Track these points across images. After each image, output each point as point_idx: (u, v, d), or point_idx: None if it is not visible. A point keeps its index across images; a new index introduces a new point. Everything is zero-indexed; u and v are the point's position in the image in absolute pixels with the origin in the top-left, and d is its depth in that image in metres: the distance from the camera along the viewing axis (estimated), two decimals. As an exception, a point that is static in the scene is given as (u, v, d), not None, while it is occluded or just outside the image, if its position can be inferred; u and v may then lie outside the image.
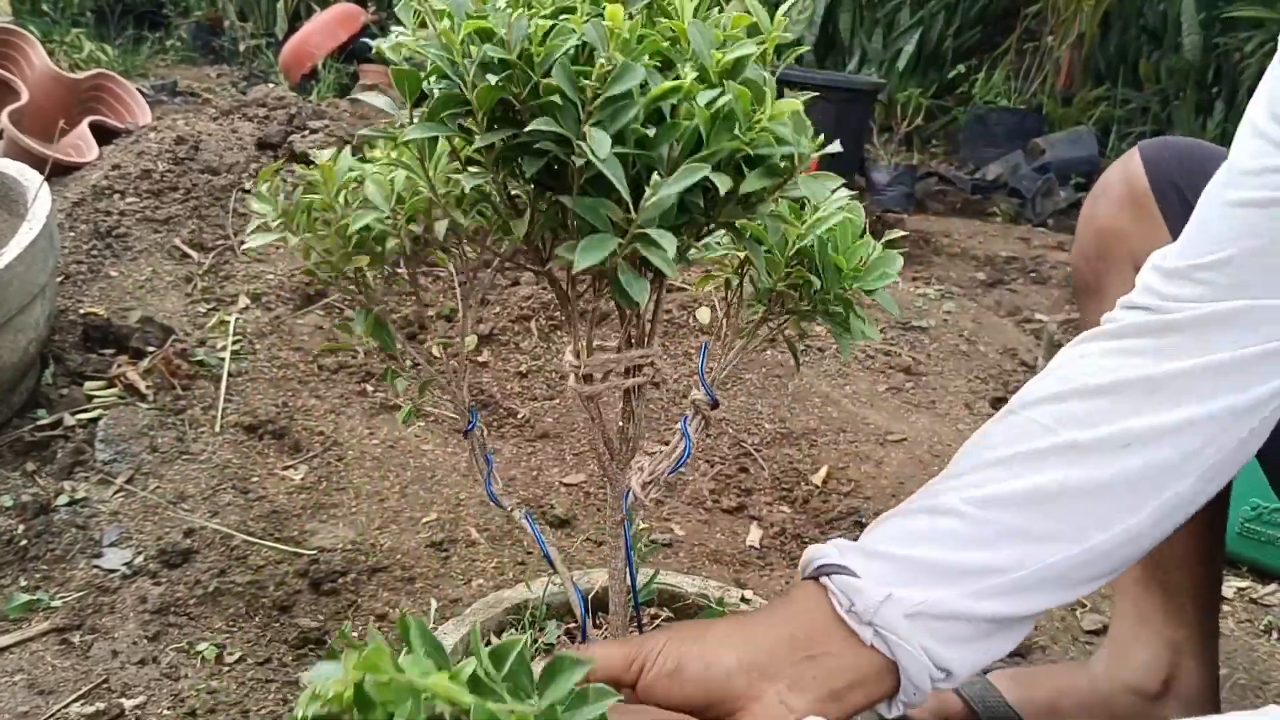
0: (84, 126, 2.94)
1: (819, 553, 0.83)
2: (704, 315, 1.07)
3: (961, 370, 2.56)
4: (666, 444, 0.93)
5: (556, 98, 0.59)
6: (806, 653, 0.77)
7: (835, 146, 0.68)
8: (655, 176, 0.60)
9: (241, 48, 6.23)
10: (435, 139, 0.70)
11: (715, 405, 0.92)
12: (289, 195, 0.86)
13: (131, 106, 3.27)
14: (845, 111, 4.81)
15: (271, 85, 4.64)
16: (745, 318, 0.94)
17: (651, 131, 0.61)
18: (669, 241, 0.59)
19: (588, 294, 0.78)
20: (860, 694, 0.78)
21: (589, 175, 0.62)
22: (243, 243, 2.52)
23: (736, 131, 0.62)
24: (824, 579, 0.80)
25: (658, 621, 1.11)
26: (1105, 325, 0.89)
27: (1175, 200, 1.13)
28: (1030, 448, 0.82)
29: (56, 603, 1.48)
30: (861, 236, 0.87)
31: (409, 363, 0.96)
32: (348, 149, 0.88)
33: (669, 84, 0.60)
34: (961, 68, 6.36)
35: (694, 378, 2.27)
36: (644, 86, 0.60)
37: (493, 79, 0.59)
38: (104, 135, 2.97)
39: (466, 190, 0.75)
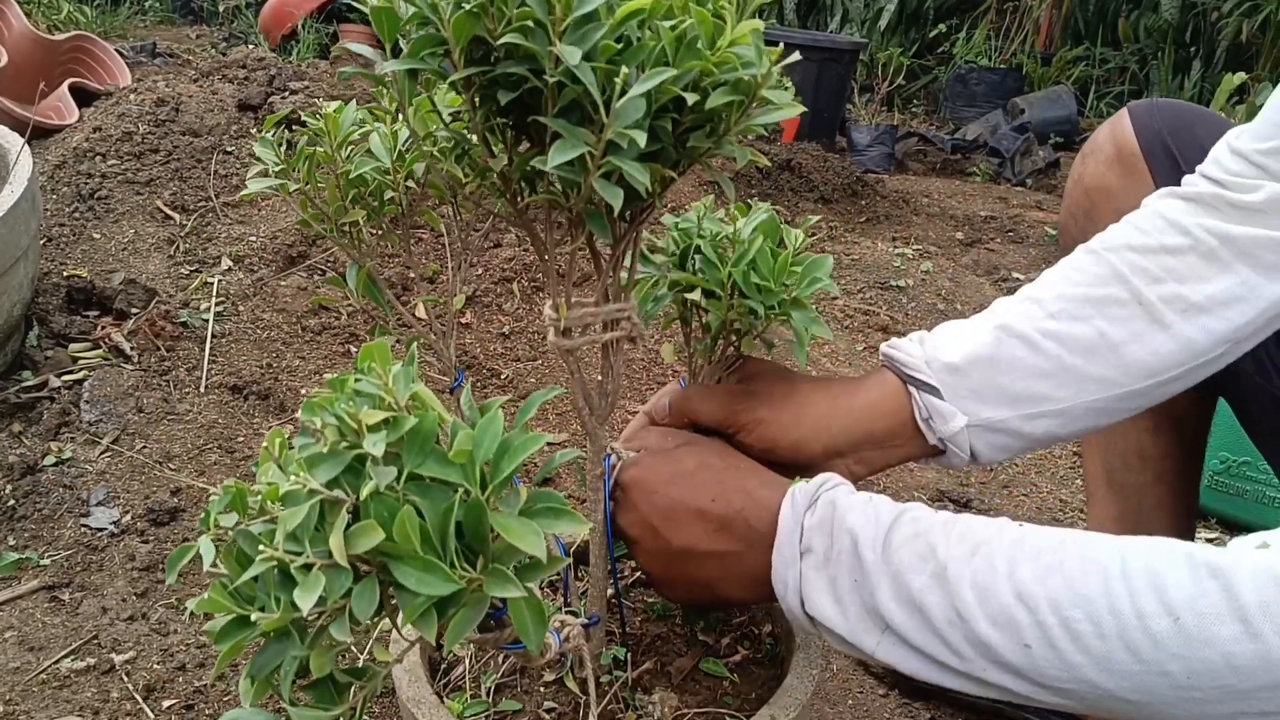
0: (64, 89, 2.93)
1: (907, 357, 0.95)
2: (667, 352, 1.11)
3: (939, 329, 2.59)
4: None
5: (530, 22, 0.62)
6: (880, 445, 0.95)
7: (798, 108, 0.69)
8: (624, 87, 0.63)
9: (220, 8, 6.18)
10: (415, 84, 0.71)
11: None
12: (291, 145, 0.88)
13: (111, 68, 3.26)
14: (826, 71, 4.82)
15: (251, 46, 4.61)
16: (703, 350, 1.00)
17: (620, 53, 0.64)
18: (640, 136, 0.61)
19: (565, 241, 0.81)
20: (903, 461, 0.97)
21: (562, 103, 0.64)
22: (226, 204, 2.52)
23: (700, 49, 0.64)
24: (911, 389, 0.94)
25: (638, 572, 1.13)
26: (1185, 188, 0.95)
27: (1164, 159, 1.14)
28: (1103, 293, 0.92)
29: (45, 561, 1.50)
30: (780, 244, 0.94)
31: (394, 322, 0.97)
32: (353, 102, 0.90)
33: (635, 4, 0.63)
34: (942, 27, 6.37)
35: (676, 338, 2.29)
36: (611, 9, 0.63)
37: (468, 5, 0.62)
38: (84, 97, 2.96)
39: (441, 135, 0.78)
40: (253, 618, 0.64)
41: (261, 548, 0.62)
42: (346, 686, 0.72)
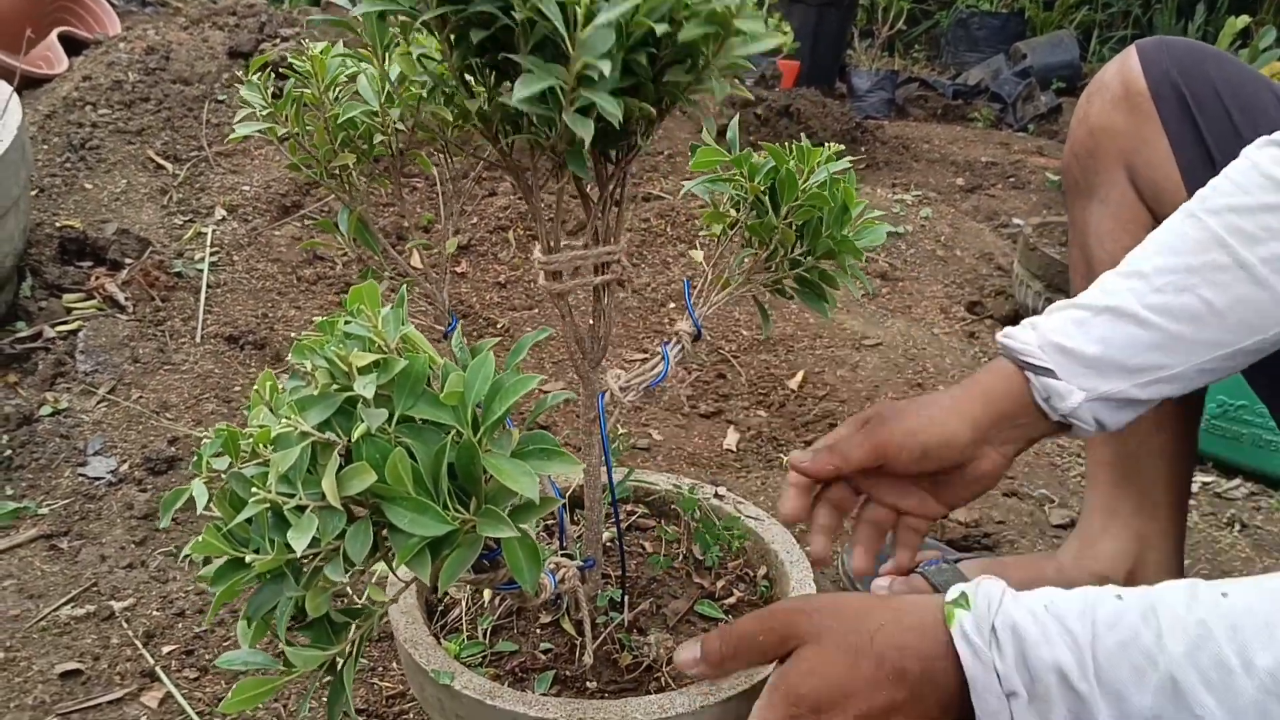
0: (53, 37, 2.90)
1: (1020, 344, 0.98)
2: (697, 255, 1.10)
3: (938, 275, 2.58)
4: (645, 353, 0.95)
5: None
6: (1013, 423, 0.98)
7: (777, 37, 0.67)
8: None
9: (211, -45, 6.09)
10: (385, 26, 0.71)
11: (698, 338, 0.98)
12: (280, 91, 0.87)
13: (100, 16, 3.21)
14: (826, 16, 4.76)
15: (242, -6, 4.55)
16: (737, 262, 0.98)
17: None
18: (606, 66, 0.60)
19: (550, 183, 0.79)
20: (1040, 438, 1.00)
21: (535, 40, 0.63)
22: (219, 153, 2.50)
23: None
24: (1028, 373, 0.97)
25: (634, 516, 1.14)
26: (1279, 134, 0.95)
27: (1173, 99, 1.13)
28: (1204, 260, 0.94)
29: (44, 510, 1.50)
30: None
31: (387, 273, 0.96)
32: (340, 43, 0.89)
33: None
34: (944, -29, 6.29)
35: (672, 286, 2.29)
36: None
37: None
38: (73, 46, 2.93)
39: (422, 79, 0.77)
40: (247, 559, 0.64)
41: (255, 490, 0.62)
42: (344, 626, 0.72)
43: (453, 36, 0.68)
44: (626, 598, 0.98)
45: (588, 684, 0.90)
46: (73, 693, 1.21)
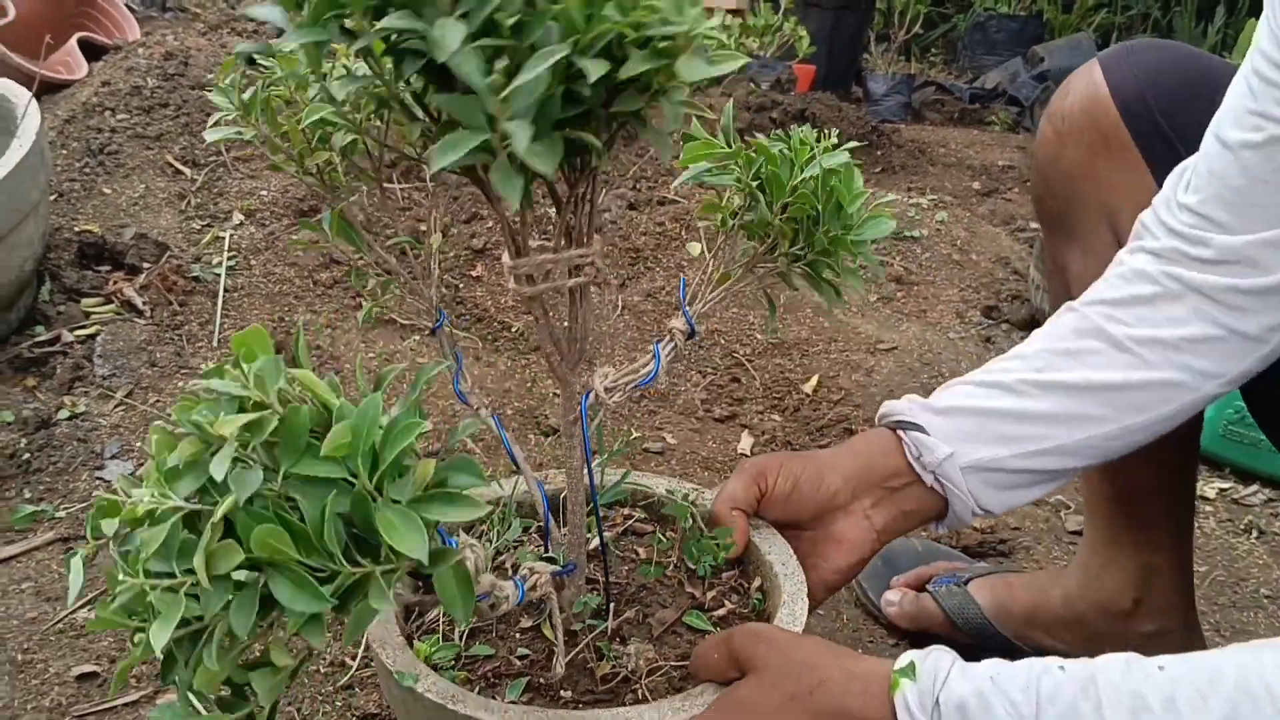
0: (72, 43, 2.91)
1: (894, 408, 1.01)
2: (694, 249, 1.07)
3: (954, 279, 2.57)
4: (651, 356, 0.94)
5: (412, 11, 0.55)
6: (885, 484, 1.00)
7: (738, 59, 0.63)
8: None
9: (230, -39, 6.12)
10: (321, 54, 0.65)
11: (691, 335, 0.96)
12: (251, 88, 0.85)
13: (120, 22, 3.23)
14: (842, 20, 4.76)
15: (261, -1, 4.57)
16: (739, 255, 0.97)
17: (520, 25, 0.56)
18: (524, 131, 0.54)
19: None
20: (918, 516, 1.01)
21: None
22: (237, 158, 2.52)
23: (612, 13, 0.57)
24: (899, 431, 0.99)
25: (631, 521, 1.12)
26: (1146, 241, 0.97)
27: (1153, 134, 1.06)
28: (1082, 345, 0.97)
29: (60, 514, 1.52)
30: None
31: (373, 272, 0.95)
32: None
33: None
34: (962, -26, 6.27)
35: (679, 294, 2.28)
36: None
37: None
38: (93, 52, 2.94)
39: (343, 96, 0.72)
40: (136, 640, 0.60)
41: (121, 576, 0.58)
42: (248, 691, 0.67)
43: (389, 60, 0.63)
44: (614, 605, 0.97)
45: (562, 693, 0.89)
46: (89, 695, 1.22)
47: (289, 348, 1.96)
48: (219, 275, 2.11)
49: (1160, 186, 0.98)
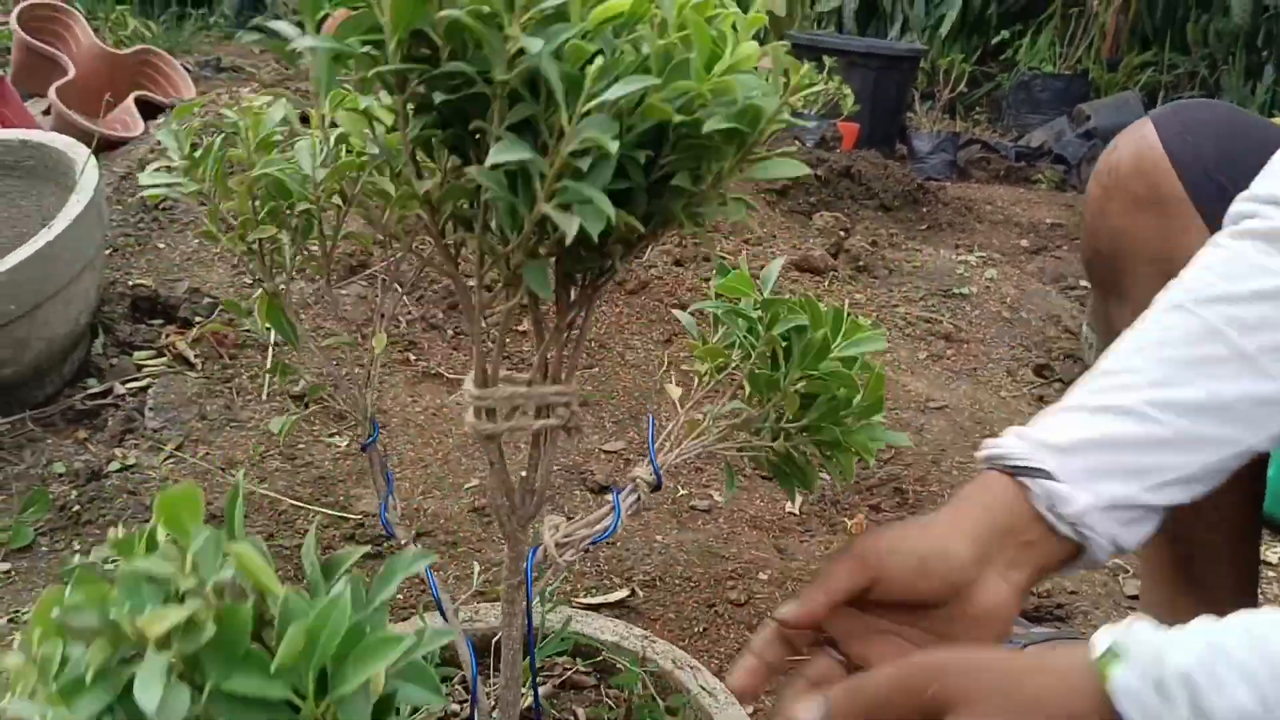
0: (130, 101, 2.98)
1: (1006, 449, 0.87)
2: (674, 392, 0.95)
3: (1004, 337, 2.55)
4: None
5: (484, 7, 0.51)
6: (1017, 540, 0.85)
7: (801, 168, 0.59)
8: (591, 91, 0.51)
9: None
10: (335, 70, 0.57)
11: (657, 488, 0.85)
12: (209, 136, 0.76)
13: (176, 81, 3.31)
14: (884, 79, 4.77)
15: (313, 59, 4.65)
16: (720, 411, 0.87)
17: (590, 63, 0.52)
18: (610, 144, 0.50)
19: (498, 300, 0.67)
20: (1054, 567, 0.87)
21: (512, 120, 0.53)
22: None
23: (693, 71, 0.53)
24: (1022, 479, 0.85)
25: (569, 672, 1.02)
26: (1258, 223, 0.89)
27: (1210, 189, 1.02)
28: (1202, 353, 0.87)
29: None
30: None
31: (306, 373, 0.91)
32: (283, 98, 0.79)
33: (613, 5, 0.51)
34: (1006, 33, 6.29)
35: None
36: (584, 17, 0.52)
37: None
38: (150, 110, 3.01)
39: (359, 143, 0.67)
40: None
41: None
42: None
43: (411, 105, 0.58)
44: None
45: None
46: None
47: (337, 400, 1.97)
48: (269, 330, 2.13)
49: (1214, 233, 0.92)
